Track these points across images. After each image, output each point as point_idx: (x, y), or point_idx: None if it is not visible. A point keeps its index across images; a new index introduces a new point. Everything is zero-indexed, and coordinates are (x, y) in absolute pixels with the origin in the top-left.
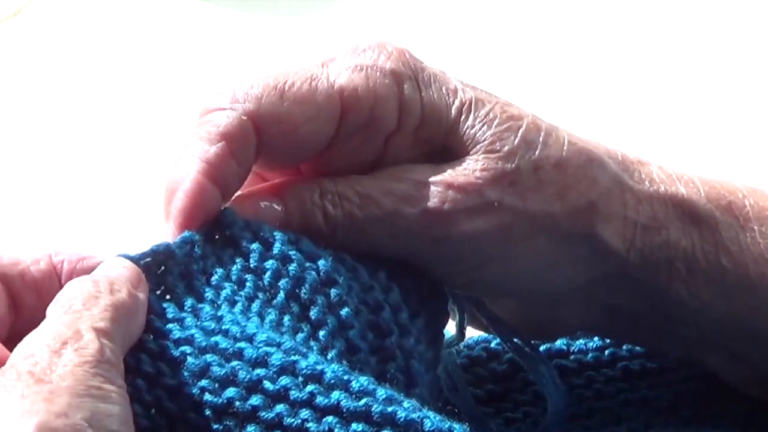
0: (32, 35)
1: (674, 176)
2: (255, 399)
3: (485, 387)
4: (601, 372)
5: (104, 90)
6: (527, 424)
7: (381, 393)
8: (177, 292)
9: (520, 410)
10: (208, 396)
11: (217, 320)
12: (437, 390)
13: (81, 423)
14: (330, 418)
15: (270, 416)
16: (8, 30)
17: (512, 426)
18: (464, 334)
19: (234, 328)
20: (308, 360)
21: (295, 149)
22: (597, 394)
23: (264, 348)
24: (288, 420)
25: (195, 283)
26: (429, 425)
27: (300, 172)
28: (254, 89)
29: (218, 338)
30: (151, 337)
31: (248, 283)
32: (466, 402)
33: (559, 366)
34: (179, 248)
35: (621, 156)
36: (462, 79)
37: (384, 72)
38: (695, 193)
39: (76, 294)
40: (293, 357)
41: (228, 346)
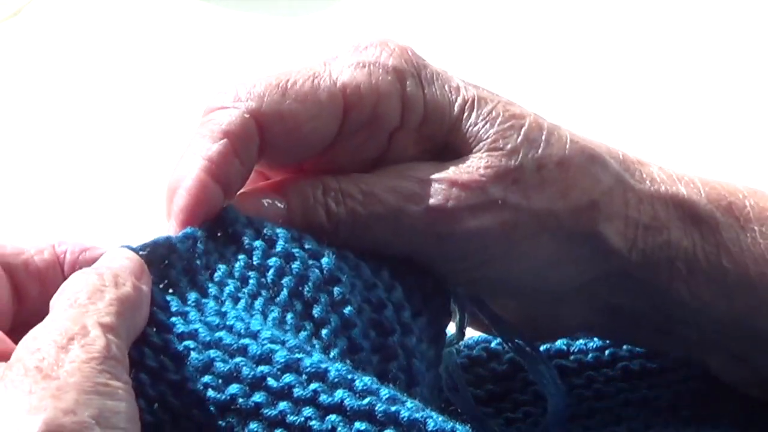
0: (32, 35)
1: (675, 177)
2: (258, 396)
3: (485, 387)
4: (601, 372)
5: (104, 90)
6: (527, 424)
7: (384, 392)
8: (180, 287)
9: (520, 410)
10: (211, 392)
11: (221, 316)
12: (438, 389)
13: (88, 420)
14: (333, 417)
15: (273, 413)
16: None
17: (512, 426)
18: (464, 334)
19: (238, 324)
20: (312, 358)
21: (298, 147)
22: (597, 394)
23: (268, 345)
24: (291, 418)
25: (198, 279)
26: (432, 425)
27: (303, 171)
28: (257, 87)
29: (222, 333)
30: (155, 330)
31: (251, 281)
32: (467, 402)
33: (559, 366)
34: (181, 243)
35: (622, 155)
36: (464, 78)
37: (387, 69)
38: (696, 194)
39: (81, 287)
40: (297, 355)
41: (232, 342)
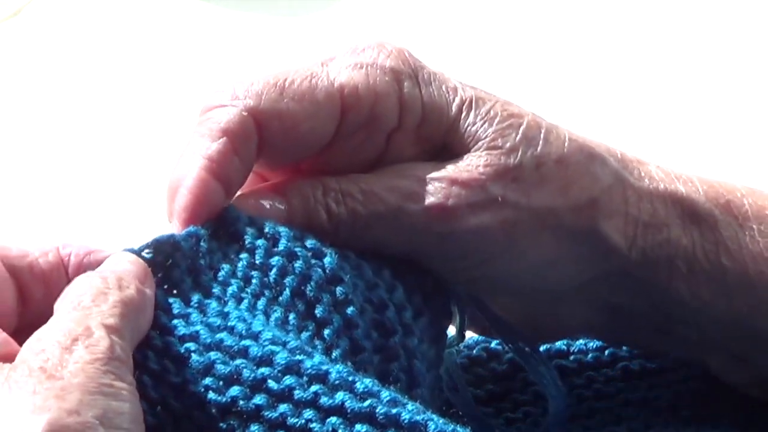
0: (32, 35)
1: (673, 175)
2: (259, 398)
3: (485, 387)
4: (601, 372)
5: (104, 90)
6: (527, 424)
7: (385, 395)
8: (183, 288)
9: (521, 410)
10: (212, 394)
11: (223, 317)
12: (438, 390)
13: (92, 421)
14: (334, 419)
15: (273, 416)
16: (8, 30)
17: (512, 426)
18: (464, 336)
19: (240, 325)
20: (313, 360)
21: (296, 146)
22: (597, 394)
23: (269, 347)
24: (291, 420)
25: (202, 279)
26: (433, 428)
27: (301, 172)
28: (254, 86)
29: (223, 335)
30: (157, 333)
31: (254, 280)
32: (467, 402)
33: (559, 366)
34: (185, 241)
35: (620, 154)
36: (461, 80)
37: (384, 70)
38: (694, 192)
39: (85, 290)
40: (298, 356)
41: (233, 344)
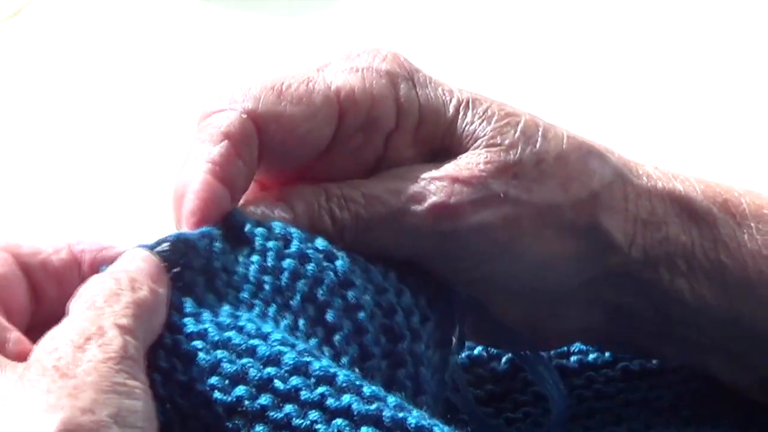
0: (32, 35)
1: (670, 174)
2: (264, 398)
3: (485, 387)
4: (602, 372)
5: (104, 90)
6: (528, 425)
7: (392, 400)
8: (196, 287)
9: (521, 410)
10: (218, 393)
11: (234, 317)
12: (442, 395)
13: (106, 419)
14: (339, 421)
15: (279, 416)
16: (8, 30)
17: (513, 426)
18: (464, 343)
19: (249, 325)
20: (321, 361)
21: (295, 150)
22: (597, 395)
23: (278, 347)
24: (297, 421)
25: (215, 282)
26: None
27: (301, 178)
28: (252, 90)
29: (232, 333)
30: (168, 332)
31: (266, 286)
32: (467, 402)
33: (560, 366)
34: (199, 240)
35: (618, 155)
36: (459, 86)
37: (380, 73)
38: (692, 190)
39: (98, 291)
40: (306, 357)
41: (241, 342)
